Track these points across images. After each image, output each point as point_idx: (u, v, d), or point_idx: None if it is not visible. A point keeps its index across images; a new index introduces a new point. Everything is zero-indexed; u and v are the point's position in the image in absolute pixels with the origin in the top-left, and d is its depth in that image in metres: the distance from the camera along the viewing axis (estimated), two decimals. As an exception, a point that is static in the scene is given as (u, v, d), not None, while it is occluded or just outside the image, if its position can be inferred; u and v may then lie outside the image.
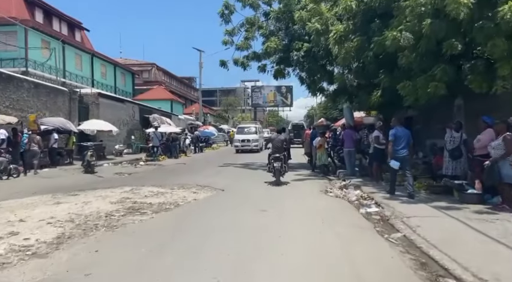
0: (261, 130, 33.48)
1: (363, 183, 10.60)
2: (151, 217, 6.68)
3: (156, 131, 21.38)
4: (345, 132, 13.30)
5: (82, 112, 22.60)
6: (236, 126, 59.21)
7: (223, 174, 14.07)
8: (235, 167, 16.90)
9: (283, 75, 17.29)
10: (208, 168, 16.09)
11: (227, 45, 16.95)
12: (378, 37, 10.27)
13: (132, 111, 29.00)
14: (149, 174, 14.32)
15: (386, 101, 13.20)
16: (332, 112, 34.31)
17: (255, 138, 28.52)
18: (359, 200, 8.56)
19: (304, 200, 8.49)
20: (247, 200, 8.62)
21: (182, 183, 11.22)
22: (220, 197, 9.14)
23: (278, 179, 11.04)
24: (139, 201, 8.19)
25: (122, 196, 8.84)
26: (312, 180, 12.05)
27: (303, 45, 14.86)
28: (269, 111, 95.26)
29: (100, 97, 24.07)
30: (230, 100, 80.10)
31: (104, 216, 6.59)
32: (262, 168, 16.04)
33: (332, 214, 6.97)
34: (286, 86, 79.40)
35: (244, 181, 12.02)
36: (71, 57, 33.16)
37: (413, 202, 7.75)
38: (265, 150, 15.43)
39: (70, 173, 13.91)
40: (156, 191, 9.83)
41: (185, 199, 8.62)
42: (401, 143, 8.80)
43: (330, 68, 16.36)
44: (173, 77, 64.64)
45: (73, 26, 37.56)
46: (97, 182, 11.63)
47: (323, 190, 9.96)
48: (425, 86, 9.16)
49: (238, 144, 28.29)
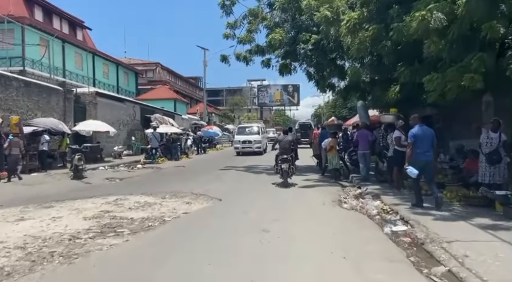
0: (265, 130, 30.75)
1: (382, 191, 9.23)
2: (126, 240, 5.40)
3: (155, 132, 20.16)
4: (360, 133, 11.93)
5: (79, 112, 21.47)
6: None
7: (223, 179, 12.78)
8: (237, 170, 15.60)
9: (289, 70, 15.94)
10: (208, 172, 14.82)
11: (228, 39, 15.68)
12: (399, 23, 8.94)
13: (133, 111, 27.86)
14: (143, 179, 13.08)
15: (404, 98, 11.83)
16: (341, 111, 32.85)
17: (258, 139, 25.79)
18: (381, 214, 7.20)
19: (315, 215, 7.14)
20: (247, 213, 7.30)
21: (176, 191, 9.96)
22: (215, 209, 7.84)
23: (286, 180, 10.88)
24: (119, 216, 6.92)
25: (101, 209, 7.58)
26: (322, 187, 10.69)
27: (311, 37, 13.50)
28: (276, 111, 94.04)
29: (98, 96, 22.97)
30: (236, 99, 78.98)
31: (67, 240, 5.33)
32: (266, 171, 14.73)
33: (351, 238, 5.61)
34: (293, 84, 78.06)
35: (246, 188, 10.71)
36: (71, 56, 32.14)
37: (450, 218, 6.37)
38: (272, 151, 14.29)
39: (56, 179, 12.72)
40: (144, 201, 8.56)
41: (174, 213, 7.33)
42: (423, 144, 7.45)
43: (340, 62, 14.99)
44: (178, 76, 63.61)
45: (74, 25, 36.55)
46: (81, 190, 10.40)
47: (335, 200, 8.59)
48: (457, 78, 7.76)
49: (239, 146, 25.57)
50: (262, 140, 26.33)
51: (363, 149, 11.67)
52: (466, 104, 11.27)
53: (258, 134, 26.41)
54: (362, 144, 11.70)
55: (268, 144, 27.59)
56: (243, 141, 25.49)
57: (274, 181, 12.05)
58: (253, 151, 24.93)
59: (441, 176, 9.40)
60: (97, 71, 36.14)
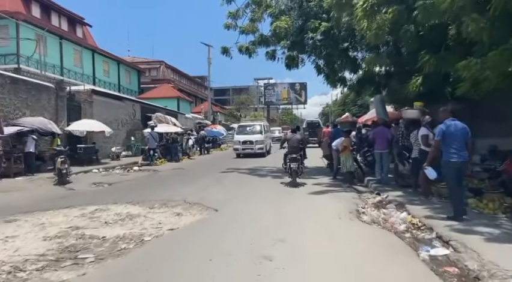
0: (268, 129, 27.31)
1: (406, 199, 7.85)
2: (83, 274, 4.09)
3: (152, 131, 18.89)
4: (377, 131, 10.53)
5: (73, 111, 20.30)
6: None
7: (224, 183, 11.47)
8: (240, 173, 14.27)
9: (296, 63, 14.59)
10: (207, 175, 13.52)
11: (230, 30, 14.33)
12: (425, 0, 7.59)
13: (132, 110, 26.66)
14: (135, 184, 11.82)
15: (426, 91, 10.43)
16: (351, 108, 31.39)
17: (260, 139, 22.73)
18: (410, 230, 5.83)
19: (330, 233, 5.77)
20: (246, 230, 5.97)
21: (167, 199, 8.68)
22: (208, 224, 6.52)
23: (295, 180, 10.76)
24: (89, 235, 5.64)
25: (71, 224, 6.31)
26: (335, 193, 9.32)
27: (320, 24, 12.11)
28: (283, 110, 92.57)
29: (94, 94, 21.76)
30: (242, 98, 77.82)
31: (6, 273, 4.05)
32: (271, 174, 13.40)
33: (381, 270, 4.25)
34: (300, 82, 76.54)
35: (248, 194, 9.38)
36: (69, 53, 31.06)
37: (503, 238, 4.98)
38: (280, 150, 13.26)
39: (37, 185, 11.50)
40: (126, 212, 7.28)
41: (158, 229, 6.03)
42: (457, 142, 6.11)
43: (353, 54, 13.60)
44: (183, 75, 62.48)
45: (73, 21, 35.48)
46: (59, 198, 9.14)
47: (353, 211, 7.22)
48: (500, 64, 6.39)
49: (239, 147, 22.64)
50: (265, 140, 23.53)
51: (380, 149, 10.29)
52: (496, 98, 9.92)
53: (261, 133, 23.36)
54: (379, 143, 10.32)
55: (272, 145, 25.84)
56: (243, 141, 22.63)
57: (279, 185, 10.76)
58: (255, 153, 22.25)
59: (478, 182, 8.00)
60: (97, 69, 35.05)
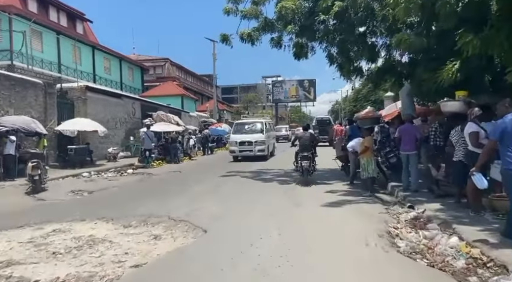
0: (271, 127, 23.15)
1: (449, 214, 6.09)
2: None
3: (148, 131, 17.28)
4: (404, 128, 8.74)
5: (66, 109, 18.85)
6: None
7: (221, 191, 9.78)
8: (242, 177, 12.58)
9: (305, 52, 12.82)
10: (205, 180, 11.88)
11: (230, 15, 12.64)
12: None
13: (132, 108, 25.15)
14: (119, 192, 10.19)
15: (462, 80, 8.65)
16: (364, 104, 29.45)
17: (261, 140, 18.99)
18: (473, 268, 4.09)
19: (359, 275, 4.06)
20: (238, 267, 4.29)
21: (149, 214, 7.05)
22: (189, 255, 4.84)
23: (306, 178, 10.56)
24: (18, 277, 4.03)
25: (5, 257, 4.69)
26: (356, 205, 7.58)
27: (333, 4, 10.33)
28: (291, 107, 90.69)
29: (88, 91, 20.26)
30: (250, 96, 76.19)
31: None
32: (278, 178, 11.70)
33: None
34: (309, 79, 74.70)
35: (247, 207, 7.70)
36: (67, 49, 29.63)
37: None
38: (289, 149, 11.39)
39: (5, 193, 9.93)
40: (89, 235, 5.66)
41: (118, 266, 4.38)
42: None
43: (371, 40, 11.79)
44: (189, 72, 61.06)
45: (73, 17, 34.17)
46: (20, 213, 7.53)
47: (383, 233, 5.47)
48: None
49: (235, 149, 18.99)
50: (267, 141, 19.67)
51: (407, 150, 8.52)
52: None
53: (262, 132, 19.55)
54: (406, 143, 8.54)
55: (276, 145, 22.69)
56: (240, 142, 18.93)
57: (286, 193, 9.06)
58: (255, 156, 18.61)
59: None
60: (97, 66, 33.64)
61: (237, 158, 19.14)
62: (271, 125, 22.34)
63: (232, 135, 20.05)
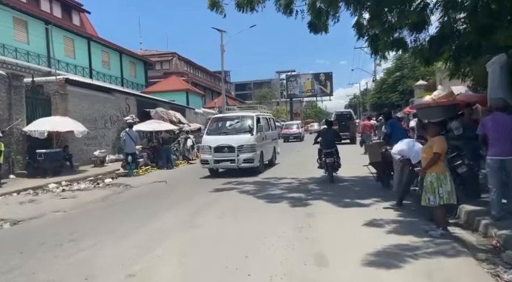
0: (272, 124, 16.04)
1: None
2: None
3: (130, 130, 14.12)
4: (494, 119, 5.38)
5: (39, 107, 15.94)
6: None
7: (201, 222, 6.44)
8: (240, 191, 9.21)
9: (324, 22, 9.52)
10: (191, 196, 8.71)
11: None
12: None
13: (125, 105, 22.13)
14: (56, 223, 6.89)
15: None
16: (390, 96, 25.82)
17: (248, 144, 12.41)
18: None
19: None
20: None
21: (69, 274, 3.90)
22: None
23: (331, 175, 10.25)
24: None
25: None
26: (427, 261, 4.21)
27: None
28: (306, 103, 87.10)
29: (69, 85, 17.29)
30: (263, 92, 72.99)
31: None
32: (290, 195, 8.39)
33: None
34: (325, 72, 71.00)
35: (238, 260, 4.45)
36: (58, 41, 26.91)
37: None
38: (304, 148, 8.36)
39: None
40: None
41: None
42: None
43: (416, 1, 8.32)
44: (199, 67, 58.11)
45: (68, 7, 31.47)
46: None
47: None
48: None
49: (209, 158, 12.57)
50: (259, 145, 12.94)
51: (500, 153, 5.18)
52: None
53: (250, 132, 12.77)
54: (499, 143, 5.20)
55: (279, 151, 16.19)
56: (216, 147, 12.39)
57: (302, 227, 5.75)
58: (238, 167, 12.30)
59: None
60: (94, 60, 30.87)
61: (212, 171, 13.04)
62: (270, 120, 15.74)
63: (206, 137, 13.19)
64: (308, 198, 8.00)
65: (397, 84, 25.49)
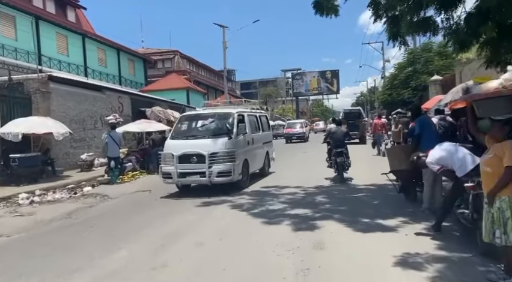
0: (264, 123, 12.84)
1: None
2: None
3: (113, 132, 12.50)
4: None
5: (18, 106, 14.45)
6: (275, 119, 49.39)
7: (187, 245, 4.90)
8: (232, 206, 7.56)
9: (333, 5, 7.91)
10: (176, 213, 7.12)
11: None
12: None
13: (118, 104, 20.60)
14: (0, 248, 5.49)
15: None
16: (402, 92, 24.01)
17: (223, 150, 9.16)
18: None
19: None
20: None
21: None
22: None
23: (341, 175, 10.13)
24: None
25: None
26: None
27: None
28: (313, 101, 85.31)
29: (52, 82, 15.78)
30: (269, 90, 71.29)
31: None
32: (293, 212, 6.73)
33: None
34: (331, 70, 69.14)
35: None
36: (49, 37, 25.51)
37: None
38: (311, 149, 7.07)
39: None
40: None
41: None
42: None
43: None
44: (202, 66, 56.58)
45: (63, 3, 30.01)
46: None
47: None
48: None
49: (171, 171, 9.20)
50: (241, 152, 9.72)
51: None
52: None
53: (228, 134, 9.41)
54: None
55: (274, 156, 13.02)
56: (180, 156, 9.16)
57: (308, 271, 4.09)
58: (211, 183, 9.08)
59: None
60: (89, 58, 29.44)
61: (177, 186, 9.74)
62: (260, 119, 12.33)
63: (169, 142, 9.81)
64: (316, 217, 6.35)
65: (410, 80, 23.69)
